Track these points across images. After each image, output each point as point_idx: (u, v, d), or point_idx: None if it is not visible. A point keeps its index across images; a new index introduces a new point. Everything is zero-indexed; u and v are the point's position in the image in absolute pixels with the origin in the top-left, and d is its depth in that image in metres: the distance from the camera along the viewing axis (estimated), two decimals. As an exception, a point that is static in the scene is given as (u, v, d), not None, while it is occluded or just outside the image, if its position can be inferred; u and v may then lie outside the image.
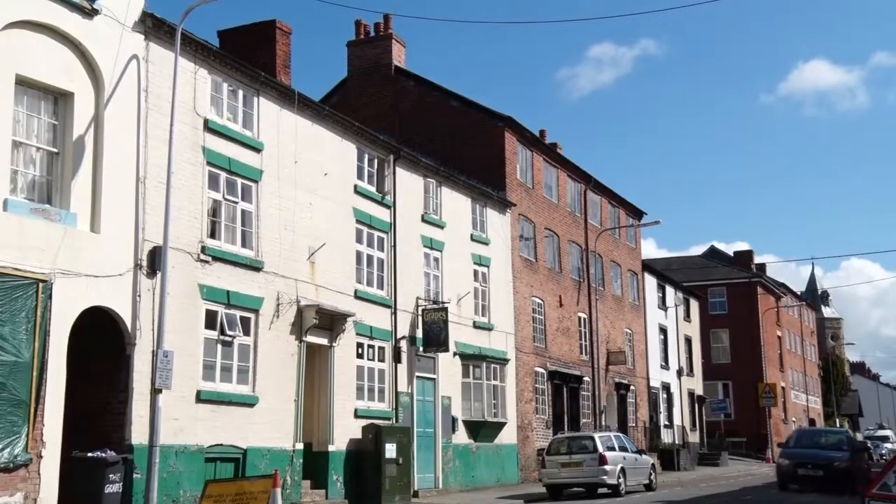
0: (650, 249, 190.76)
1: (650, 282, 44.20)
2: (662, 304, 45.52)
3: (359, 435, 20.82)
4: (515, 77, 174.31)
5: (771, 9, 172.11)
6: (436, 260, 25.55)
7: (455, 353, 25.64)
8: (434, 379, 24.76)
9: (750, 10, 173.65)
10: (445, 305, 24.72)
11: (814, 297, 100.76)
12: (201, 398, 16.56)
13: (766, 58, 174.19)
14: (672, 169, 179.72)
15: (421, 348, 24.01)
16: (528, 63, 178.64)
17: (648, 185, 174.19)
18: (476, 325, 27.09)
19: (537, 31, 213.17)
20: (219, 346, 17.25)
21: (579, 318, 35.22)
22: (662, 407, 43.55)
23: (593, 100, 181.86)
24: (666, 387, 44.52)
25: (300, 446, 19.06)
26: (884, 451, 63.67)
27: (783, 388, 63.36)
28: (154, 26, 16.31)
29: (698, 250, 75.90)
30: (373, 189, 22.85)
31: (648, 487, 26.13)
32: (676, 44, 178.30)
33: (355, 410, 21.08)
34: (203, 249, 17.04)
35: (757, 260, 68.83)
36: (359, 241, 22.03)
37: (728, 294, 61.48)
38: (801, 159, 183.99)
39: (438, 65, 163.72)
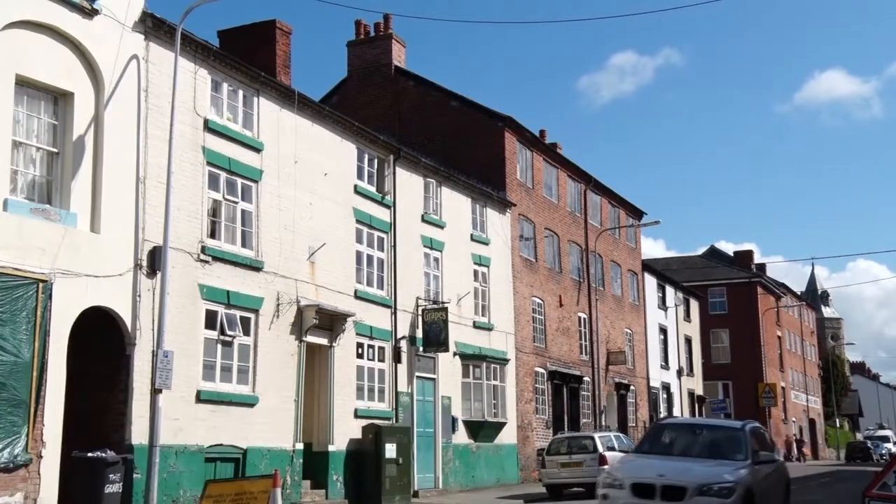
0: (658, 250, 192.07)
1: (650, 282, 44.20)
2: (662, 304, 45.52)
3: (359, 435, 20.82)
4: (536, 84, 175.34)
5: (790, 19, 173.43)
6: (436, 260, 25.54)
7: (455, 353, 25.63)
8: (434, 379, 24.76)
9: (769, 19, 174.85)
10: (445, 305, 24.71)
11: (814, 297, 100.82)
12: (201, 398, 16.56)
13: (783, 67, 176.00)
14: (683, 172, 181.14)
15: (421, 348, 24.01)
16: (549, 70, 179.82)
17: (657, 187, 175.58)
18: (476, 325, 27.08)
19: (558, 38, 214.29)
20: (219, 346, 17.25)
21: (579, 318, 35.21)
22: (662, 407, 43.55)
23: (613, 108, 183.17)
24: (666, 387, 44.52)
25: (300, 446, 19.06)
26: (884, 451, 63.72)
27: (783, 388, 63.36)
28: (154, 26, 16.30)
29: (707, 252, 75.88)
30: (373, 189, 22.84)
31: (648, 487, 26.01)
32: (697, 53, 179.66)
33: (355, 410, 21.07)
34: (203, 249, 17.04)
35: (764, 260, 68.98)
36: (359, 241, 22.02)
37: (728, 294, 61.50)
38: (812, 164, 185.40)
39: (446, 66, 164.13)
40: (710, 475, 12.08)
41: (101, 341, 15.29)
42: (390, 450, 20.62)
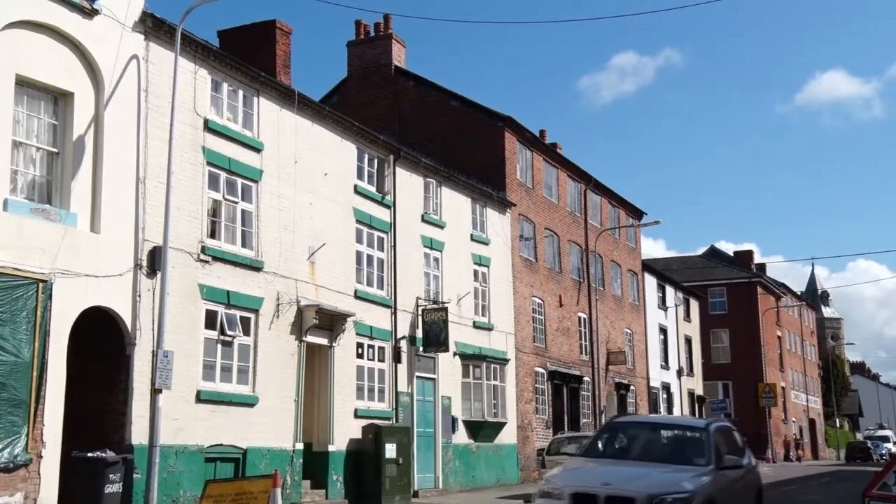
0: (658, 250, 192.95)
1: (650, 282, 44.21)
2: (662, 304, 45.52)
3: (359, 435, 20.82)
4: (536, 84, 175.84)
5: (791, 19, 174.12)
6: (436, 260, 25.54)
7: (455, 353, 25.63)
8: (434, 379, 24.76)
9: (770, 20, 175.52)
10: (445, 305, 24.71)
11: (814, 297, 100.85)
12: (201, 398, 16.56)
13: (784, 67, 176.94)
14: (683, 172, 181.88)
15: (421, 348, 24.00)
16: (550, 71, 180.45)
17: (658, 187, 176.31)
18: (476, 325, 27.08)
19: (559, 38, 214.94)
20: (219, 346, 17.25)
21: (579, 318, 35.21)
22: (662, 407, 43.55)
23: (614, 108, 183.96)
24: (666, 387, 44.52)
25: (300, 446, 19.06)
26: (884, 451, 63.75)
27: (783, 388, 63.36)
28: (154, 26, 16.30)
29: (708, 252, 75.85)
30: (373, 189, 22.84)
31: (648, 487, 25.97)
32: (698, 54, 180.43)
33: (355, 410, 21.07)
34: (203, 249, 17.04)
35: (764, 260, 68.99)
36: (359, 241, 22.02)
37: (728, 294, 61.52)
38: (812, 164, 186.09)
39: (446, 66, 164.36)
40: (664, 483, 10.48)
41: (101, 341, 15.28)
42: (390, 450, 20.62)
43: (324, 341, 20.16)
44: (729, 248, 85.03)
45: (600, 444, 12.52)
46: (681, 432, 12.81)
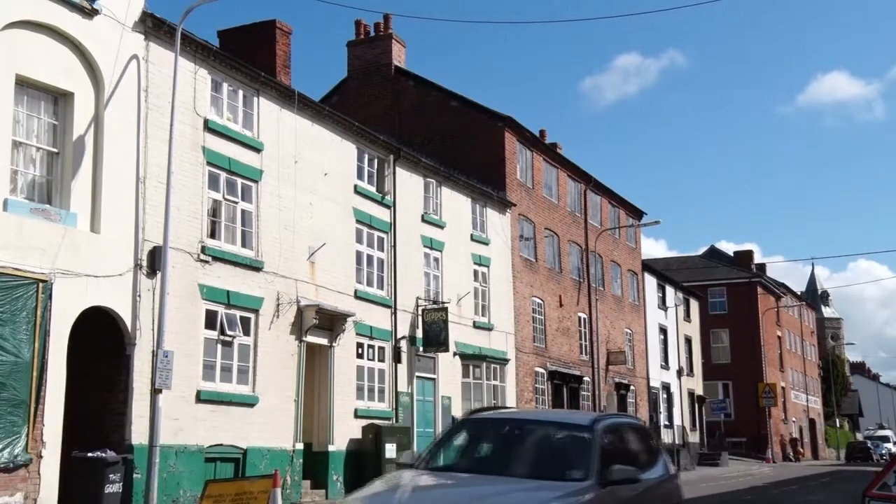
0: (660, 250, 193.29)
1: (650, 282, 44.20)
2: (662, 304, 45.51)
3: (359, 435, 20.82)
4: (539, 85, 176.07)
5: (793, 20, 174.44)
6: (436, 260, 25.54)
7: (455, 353, 25.62)
8: (434, 379, 24.76)
9: (773, 21, 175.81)
10: (445, 305, 24.71)
11: (814, 297, 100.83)
12: (201, 398, 16.56)
13: (786, 69, 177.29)
14: (684, 172, 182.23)
15: (421, 348, 24.00)
16: (552, 72, 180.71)
17: (658, 187, 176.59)
18: (476, 325, 27.07)
19: (561, 39, 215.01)
20: (219, 346, 17.25)
21: (579, 318, 35.21)
22: (662, 407, 43.54)
23: (616, 109, 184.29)
24: (666, 387, 44.51)
25: (300, 446, 19.06)
26: (884, 451, 63.76)
27: (783, 388, 63.35)
28: (154, 26, 16.30)
29: (709, 253, 75.82)
30: (373, 189, 22.84)
31: (648, 487, 25.93)
32: (701, 55, 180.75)
33: (355, 410, 21.07)
34: (203, 249, 17.04)
35: (764, 261, 68.93)
36: (359, 241, 22.02)
37: (728, 294, 61.49)
38: (813, 165, 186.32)
39: (446, 66, 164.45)
40: None
41: (101, 341, 15.28)
42: (390, 450, 20.61)
43: (324, 341, 20.16)
44: (729, 248, 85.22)
45: (443, 451, 8.94)
46: (555, 433, 8.81)
